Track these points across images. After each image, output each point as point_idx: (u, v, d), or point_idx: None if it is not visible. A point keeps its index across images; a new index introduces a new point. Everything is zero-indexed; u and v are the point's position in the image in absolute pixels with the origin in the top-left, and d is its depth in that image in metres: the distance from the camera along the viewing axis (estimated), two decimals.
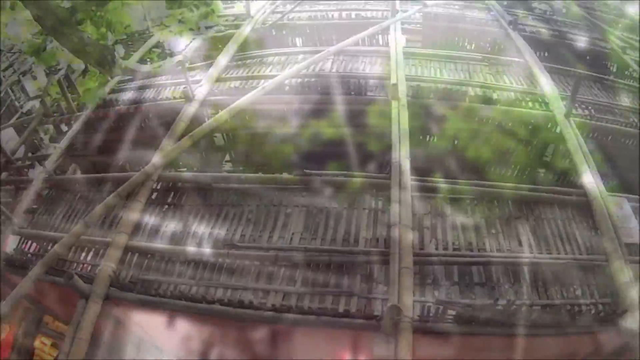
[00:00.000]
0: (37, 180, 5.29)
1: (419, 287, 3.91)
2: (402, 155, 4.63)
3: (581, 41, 8.19)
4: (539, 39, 7.84)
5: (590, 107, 6.19)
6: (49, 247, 4.74)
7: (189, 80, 5.58)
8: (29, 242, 5.20)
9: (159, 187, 5.05)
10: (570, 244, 4.41)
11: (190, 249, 4.42)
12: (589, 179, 4.83)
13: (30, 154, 6.53)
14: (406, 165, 4.55)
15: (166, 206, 4.90)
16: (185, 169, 6.08)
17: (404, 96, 5.38)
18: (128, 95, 6.26)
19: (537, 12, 9.09)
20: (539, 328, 3.73)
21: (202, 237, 4.56)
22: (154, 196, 4.92)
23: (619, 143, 6.25)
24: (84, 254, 4.76)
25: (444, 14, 7.60)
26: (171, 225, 4.74)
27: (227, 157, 6.45)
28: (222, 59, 6.21)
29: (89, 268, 4.59)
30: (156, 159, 4.91)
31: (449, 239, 4.29)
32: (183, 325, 4.38)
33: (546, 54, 7.98)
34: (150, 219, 4.80)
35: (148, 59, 7.00)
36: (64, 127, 6.19)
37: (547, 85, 6.06)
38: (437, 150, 6.09)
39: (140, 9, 6.61)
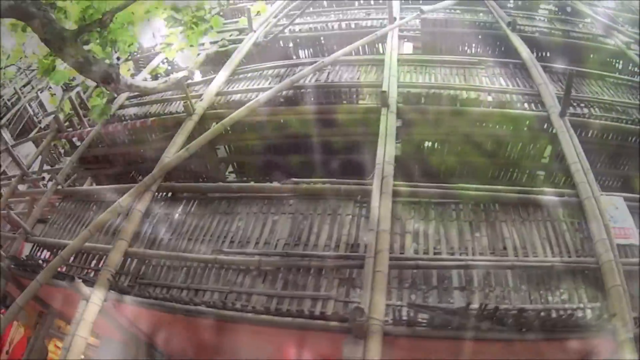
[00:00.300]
0: (49, 191, 5.73)
1: (397, 291, 4.01)
2: (386, 161, 4.74)
3: (585, 39, 8.06)
4: (539, 39, 7.78)
5: (591, 105, 6.09)
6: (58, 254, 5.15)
7: (188, 95, 5.91)
8: (42, 249, 5.66)
9: (158, 196, 5.39)
10: (559, 247, 4.36)
11: (184, 254, 4.70)
12: (581, 179, 4.76)
13: (50, 167, 7.07)
14: (389, 170, 4.66)
15: (164, 215, 5.21)
16: (190, 180, 6.43)
17: (393, 103, 5.49)
18: (136, 110, 6.69)
19: (542, 12, 9.01)
20: (518, 333, 3.68)
21: (195, 243, 4.83)
22: (153, 205, 5.25)
23: (620, 141, 6.13)
24: (89, 260, 5.16)
25: (442, 19, 7.65)
26: (168, 233, 5.04)
27: (230, 168, 6.73)
28: (223, 73, 6.52)
29: (92, 273, 4.97)
30: (155, 170, 5.23)
31: (430, 243, 4.36)
32: (175, 326, 4.66)
33: (548, 54, 7.92)
34: (149, 227, 5.13)
35: (158, 75, 7.44)
36: (78, 142, 6.67)
37: (542, 85, 6.00)
38: (430, 154, 6.16)
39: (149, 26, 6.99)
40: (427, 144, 6.14)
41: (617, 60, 8.30)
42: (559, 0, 8.94)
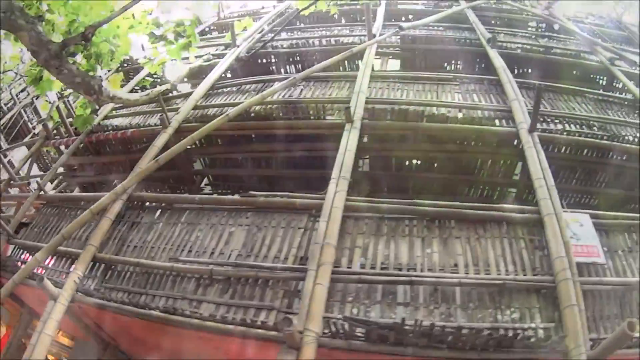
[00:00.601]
0: (31, 196, 6.08)
1: (340, 304, 4.13)
2: (341, 176, 4.89)
3: (567, 55, 8.13)
4: (520, 55, 7.87)
5: (566, 121, 6.13)
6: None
7: (164, 108, 6.20)
8: (23, 250, 5.99)
9: (129, 205, 5.66)
10: (515, 264, 4.34)
11: (144, 261, 4.93)
12: (544, 195, 4.77)
13: (42, 173, 7.46)
14: (343, 185, 4.80)
15: (133, 223, 5.47)
16: (169, 190, 6.73)
17: (358, 119, 5.66)
18: (120, 121, 7.03)
19: (529, 29, 9.09)
20: (459, 351, 3.73)
21: (157, 251, 5.07)
22: (123, 213, 5.52)
23: (597, 157, 6.20)
24: (62, 263, 5.46)
25: (423, 35, 7.81)
26: (135, 240, 5.30)
27: (207, 180, 6.99)
28: (202, 87, 6.81)
29: (64, 275, 5.25)
30: (126, 180, 5.51)
31: (379, 258, 4.46)
32: (136, 329, 4.90)
33: (529, 70, 7.99)
34: (118, 234, 5.40)
35: (145, 87, 7.78)
36: (65, 149, 7.02)
37: (515, 100, 6.07)
38: (398, 169, 6.29)
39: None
40: (396, 159, 6.27)
41: (601, 77, 8.35)
42: (544, 17, 8.98)
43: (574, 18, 9.47)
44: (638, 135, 6.37)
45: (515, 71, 8.10)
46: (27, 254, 5.88)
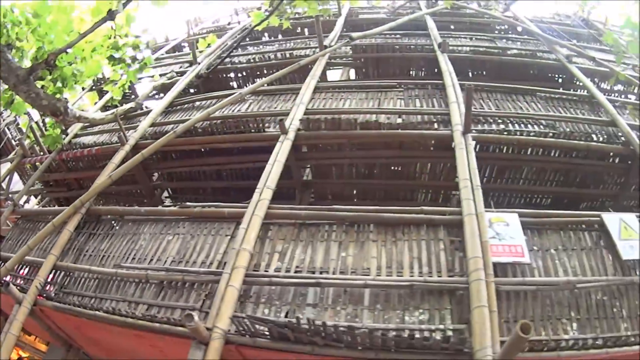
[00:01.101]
0: (6, 211, 6.95)
1: (253, 305, 4.71)
2: (266, 185, 5.48)
3: (524, 56, 8.47)
4: (473, 58, 8.26)
5: (510, 121, 6.48)
6: None
7: (122, 127, 6.95)
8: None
9: (87, 218, 6.41)
10: (430, 266, 4.59)
11: (94, 268, 5.66)
12: (467, 196, 4.98)
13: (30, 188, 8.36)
14: (267, 194, 5.39)
15: (89, 234, 6.22)
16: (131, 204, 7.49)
17: (292, 130, 6.24)
18: (89, 139, 7.85)
19: (489, 32, 9.44)
20: (357, 350, 4.01)
21: (107, 259, 5.80)
22: (81, 225, 6.28)
23: (543, 155, 6.57)
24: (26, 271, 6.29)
25: (374, 44, 8.31)
26: (90, 249, 6.04)
27: (166, 193, 7.73)
28: (160, 105, 7.55)
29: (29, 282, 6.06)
30: (83, 195, 6.28)
31: (294, 262, 4.96)
32: (88, 329, 5.65)
33: (484, 73, 8.38)
34: (76, 244, 6.16)
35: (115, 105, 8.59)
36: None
37: (454, 103, 6.39)
38: (339, 177, 6.83)
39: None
40: (336, 167, 6.82)
41: (560, 75, 8.66)
42: (503, 19, 9.32)
43: (537, 18, 9.77)
44: (589, 130, 6.66)
45: (470, 74, 8.54)
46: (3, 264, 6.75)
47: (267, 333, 4.31)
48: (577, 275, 4.64)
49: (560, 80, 8.67)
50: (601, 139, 6.56)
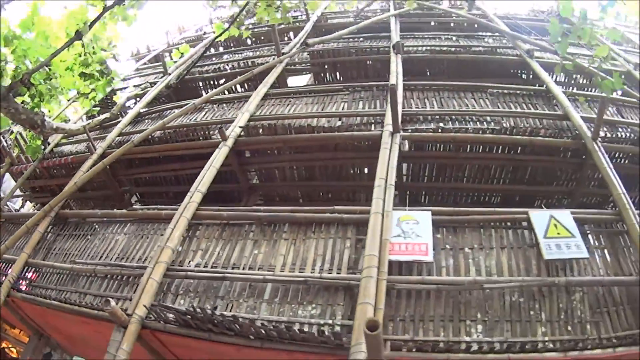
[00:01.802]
0: None
1: (173, 295, 5.62)
2: (198, 189, 6.36)
3: (485, 52, 8.86)
4: (429, 57, 8.77)
5: (451, 119, 6.92)
6: None
7: (90, 137, 8.13)
8: None
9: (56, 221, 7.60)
10: (332, 263, 5.08)
11: (54, 264, 6.80)
12: (378, 195, 5.36)
13: (22, 194, 9.80)
14: (197, 197, 6.29)
15: (57, 234, 7.41)
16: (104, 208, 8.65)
17: (233, 136, 7.11)
18: (69, 148, 9.12)
19: (453, 30, 9.88)
20: (245, 339, 4.62)
21: (69, 256, 6.93)
22: (51, 227, 7.48)
23: (486, 152, 7.01)
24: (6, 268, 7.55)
25: (331, 49, 9.02)
26: (57, 248, 7.21)
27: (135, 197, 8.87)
28: (128, 116, 8.68)
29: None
30: (52, 200, 7.48)
31: (213, 258, 5.74)
32: (50, 317, 6.82)
33: (442, 71, 8.86)
34: (45, 243, 7.37)
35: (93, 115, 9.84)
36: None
37: (390, 103, 6.65)
38: (282, 180, 7.66)
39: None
40: (278, 170, 7.66)
41: (522, 71, 8.99)
42: (468, 17, 9.74)
43: (509, 15, 10.08)
44: (538, 125, 6.91)
45: (428, 73, 9.07)
46: None
47: (174, 320, 5.14)
48: (491, 275, 4.75)
49: (523, 76, 8.99)
50: (549, 133, 6.73)
